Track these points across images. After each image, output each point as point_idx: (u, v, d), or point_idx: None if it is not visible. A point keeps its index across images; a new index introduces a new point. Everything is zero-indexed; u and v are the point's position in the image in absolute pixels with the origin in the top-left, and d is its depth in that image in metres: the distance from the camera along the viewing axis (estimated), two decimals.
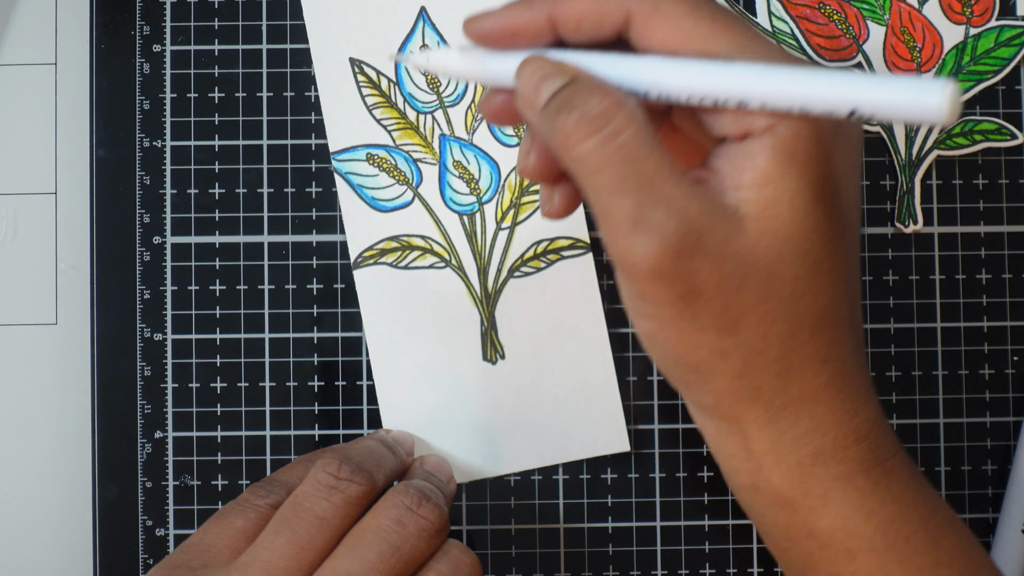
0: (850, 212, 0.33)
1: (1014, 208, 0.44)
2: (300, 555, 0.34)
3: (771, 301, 0.31)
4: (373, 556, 0.34)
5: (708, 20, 0.31)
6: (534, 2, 0.33)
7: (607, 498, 0.44)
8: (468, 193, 0.43)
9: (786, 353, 0.32)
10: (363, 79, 0.44)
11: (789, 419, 0.33)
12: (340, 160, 0.44)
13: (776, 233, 0.31)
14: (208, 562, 0.35)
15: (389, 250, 0.43)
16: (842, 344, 0.33)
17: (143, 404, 0.43)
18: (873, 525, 0.33)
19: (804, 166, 0.31)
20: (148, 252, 0.44)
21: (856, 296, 0.34)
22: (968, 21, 0.44)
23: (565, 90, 0.32)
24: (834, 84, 0.29)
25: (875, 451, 0.33)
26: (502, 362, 0.43)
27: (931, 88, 0.27)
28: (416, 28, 0.44)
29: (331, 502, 0.35)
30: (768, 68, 0.30)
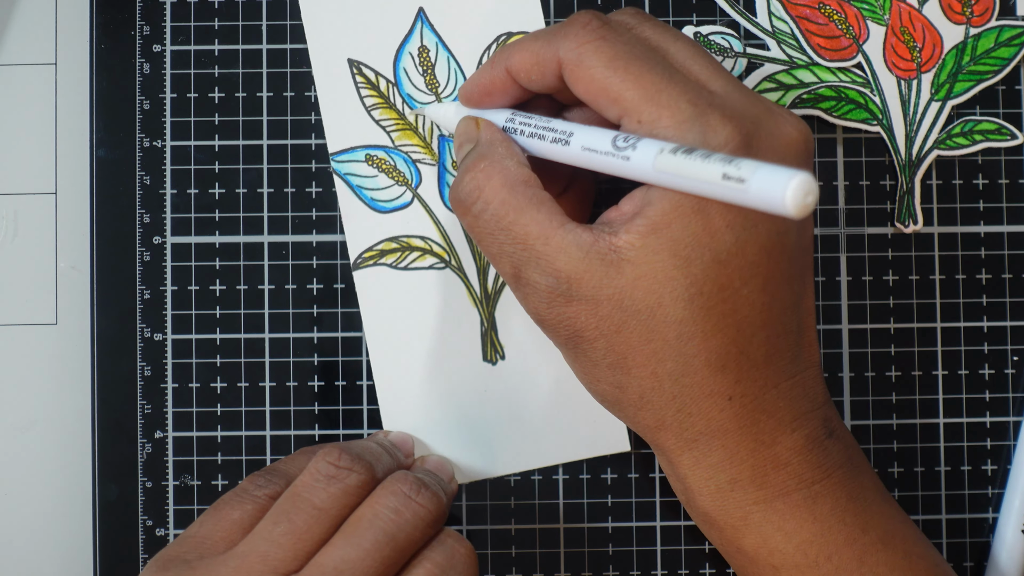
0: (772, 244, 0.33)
1: (1014, 208, 0.44)
2: (297, 545, 0.35)
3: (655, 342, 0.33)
4: (368, 544, 0.34)
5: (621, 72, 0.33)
6: (495, 61, 0.37)
7: (607, 498, 0.44)
8: None
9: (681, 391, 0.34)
10: (361, 80, 0.44)
11: (702, 449, 0.34)
12: (339, 161, 0.44)
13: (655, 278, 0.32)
14: (204, 554, 0.35)
15: (388, 251, 0.43)
16: (752, 380, 0.34)
17: (143, 404, 0.43)
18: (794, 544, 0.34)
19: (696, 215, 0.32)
20: (148, 252, 0.44)
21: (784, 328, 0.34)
22: (968, 21, 0.44)
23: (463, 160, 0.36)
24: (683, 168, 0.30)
25: (799, 476, 0.34)
26: (502, 362, 0.43)
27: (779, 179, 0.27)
28: (414, 29, 0.44)
29: (329, 492, 0.35)
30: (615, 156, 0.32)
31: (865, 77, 0.44)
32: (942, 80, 0.44)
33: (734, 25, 0.44)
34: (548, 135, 0.35)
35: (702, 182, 0.29)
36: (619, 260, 0.33)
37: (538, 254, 0.33)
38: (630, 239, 0.32)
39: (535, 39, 0.35)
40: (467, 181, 0.35)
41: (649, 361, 0.33)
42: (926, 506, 0.44)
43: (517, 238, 0.34)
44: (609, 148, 0.33)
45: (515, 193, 0.34)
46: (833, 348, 0.44)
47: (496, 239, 0.34)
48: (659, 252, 0.32)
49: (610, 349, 0.33)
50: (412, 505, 0.35)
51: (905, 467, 0.44)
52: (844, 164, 0.44)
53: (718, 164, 0.29)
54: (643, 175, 0.32)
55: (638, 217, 0.33)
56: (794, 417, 0.34)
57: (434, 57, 0.43)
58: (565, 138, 0.34)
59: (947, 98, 0.44)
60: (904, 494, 0.44)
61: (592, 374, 0.35)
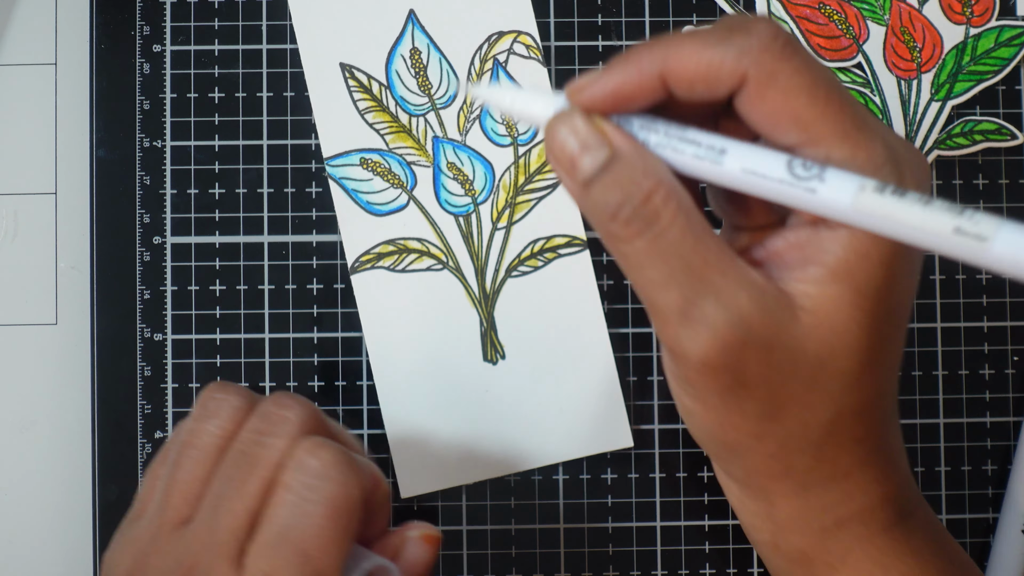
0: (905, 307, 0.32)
1: (1014, 208, 0.44)
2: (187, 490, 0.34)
3: (816, 392, 0.31)
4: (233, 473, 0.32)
5: (823, 101, 0.29)
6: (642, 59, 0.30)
7: (607, 498, 0.44)
8: (463, 194, 0.43)
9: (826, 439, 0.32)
10: (354, 84, 0.44)
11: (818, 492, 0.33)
12: (334, 166, 0.44)
13: (832, 329, 0.30)
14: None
15: (386, 254, 0.43)
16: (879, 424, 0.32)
17: (143, 404, 0.43)
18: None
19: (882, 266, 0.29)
20: (148, 252, 0.44)
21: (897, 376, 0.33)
22: (968, 21, 0.44)
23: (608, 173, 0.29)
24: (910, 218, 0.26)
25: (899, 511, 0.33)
26: (503, 362, 0.43)
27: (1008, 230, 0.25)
28: (405, 31, 0.44)
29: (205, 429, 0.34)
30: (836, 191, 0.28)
31: (865, 77, 0.44)
32: (942, 80, 0.44)
33: None
34: (687, 148, 0.29)
35: (925, 233, 0.26)
36: (795, 307, 0.29)
37: (718, 287, 0.29)
38: (805, 288, 0.29)
39: (704, 43, 0.29)
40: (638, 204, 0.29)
41: (803, 412, 0.31)
42: None
43: (695, 267, 0.29)
44: (784, 175, 0.28)
45: (691, 218, 0.29)
46: None
47: (667, 265, 0.29)
48: (839, 303, 0.29)
49: (770, 399, 0.30)
50: (274, 417, 0.33)
51: None
52: None
53: (946, 215, 0.25)
54: (835, 212, 0.28)
55: (811, 265, 0.29)
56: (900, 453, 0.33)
57: (426, 59, 0.43)
58: (714, 155, 0.29)
59: (947, 98, 0.44)
60: None
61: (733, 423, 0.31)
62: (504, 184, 0.44)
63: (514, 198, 0.44)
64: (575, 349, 0.43)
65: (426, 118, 0.44)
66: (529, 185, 0.43)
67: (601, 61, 0.44)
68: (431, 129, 0.43)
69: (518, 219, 0.44)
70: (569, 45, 0.44)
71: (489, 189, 0.44)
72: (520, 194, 0.44)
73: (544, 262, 0.43)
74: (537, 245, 0.43)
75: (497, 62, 0.43)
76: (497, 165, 0.43)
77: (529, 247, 0.43)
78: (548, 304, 0.43)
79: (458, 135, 0.44)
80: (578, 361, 0.43)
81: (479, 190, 0.44)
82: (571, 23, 0.44)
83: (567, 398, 0.43)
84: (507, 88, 0.32)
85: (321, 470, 0.32)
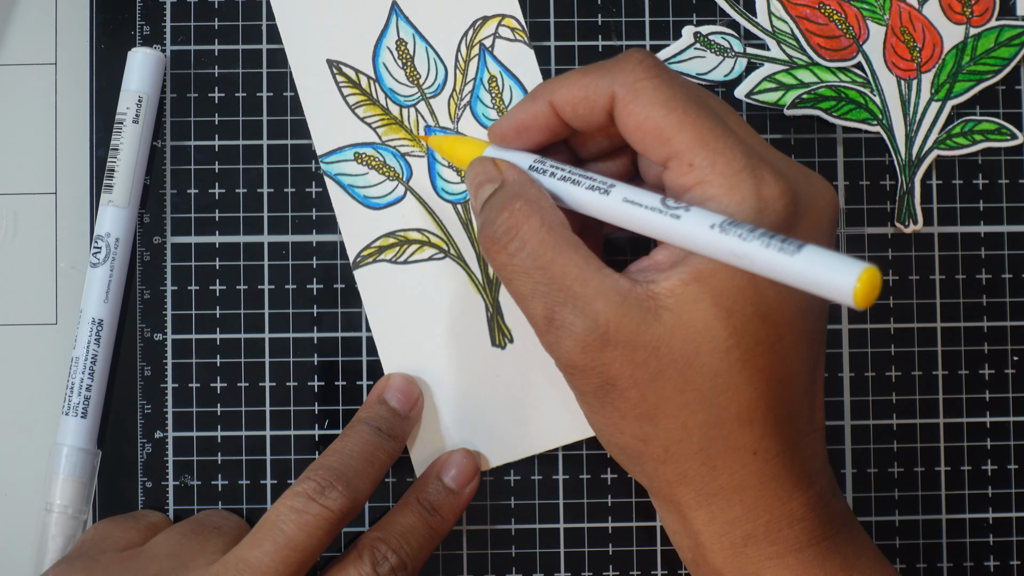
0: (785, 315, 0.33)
1: (1014, 208, 0.44)
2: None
3: (688, 392, 0.32)
4: (268, 545, 0.35)
5: (679, 113, 0.32)
6: (536, 96, 0.35)
7: (607, 498, 0.44)
8: (459, 181, 0.43)
9: (709, 444, 0.33)
10: (342, 79, 0.44)
11: (720, 504, 0.34)
12: (328, 163, 0.44)
13: (694, 327, 0.32)
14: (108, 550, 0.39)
15: (387, 247, 0.43)
16: (776, 437, 0.33)
17: (143, 404, 0.43)
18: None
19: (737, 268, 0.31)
20: (148, 252, 0.44)
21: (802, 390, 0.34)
22: (968, 21, 0.44)
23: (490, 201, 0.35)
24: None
25: (811, 532, 0.34)
26: (511, 346, 0.43)
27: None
28: (390, 23, 0.44)
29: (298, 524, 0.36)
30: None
31: (865, 77, 0.44)
32: (942, 80, 0.44)
33: (734, 25, 0.44)
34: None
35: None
36: (658, 307, 0.32)
37: (575, 295, 0.32)
38: (670, 286, 0.32)
39: (584, 74, 0.34)
40: (504, 219, 0.34)
41: (680, 412, 0.33)
42: (926, 506, 0.44)
43: (554, 278, 0.33)
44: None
45: (553, 233, 0.33)
46: (833, 348, 0.44)
47: (531, 278, 0.33)
48: (700, 301, 0.32)
49: (642, 399, 0.33)
50: (313, 506, 0.36)
51: (905, 467, 0.44)
52: (844, 164, 0.44)
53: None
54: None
55: (680, 265, 0.32)
56: (809, 474, 0.34)
57: (412, 49, 0.44)
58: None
59: (947, 98, 0.44)
60: (904, 494, 0.44)
61: (616, 426, 0.34)
62: None
63: None
64: None
65: (417, 108, 0.44)
66: None
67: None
68: (423, 119, 0.43)
69: None
70: (569, 45, 0.44)
71: None
72: None
73: None
74: None
75: (483, 47, 0.44)
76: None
77: None
78: None
79: (450, 123, 0.44)
80: None
81: None
82: (571, 23, 0.44)
83: None
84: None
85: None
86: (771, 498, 0.34)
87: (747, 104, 0.44)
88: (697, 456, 0.33)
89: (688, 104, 0.33)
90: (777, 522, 0.34)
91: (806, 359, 0.34)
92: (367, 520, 0.43)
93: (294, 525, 0.36)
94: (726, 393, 0.32)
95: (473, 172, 0.37)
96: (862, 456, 0.44)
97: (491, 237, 0.34)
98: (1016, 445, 0.44)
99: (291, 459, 0.43)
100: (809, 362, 0.34)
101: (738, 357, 0.32)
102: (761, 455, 0.33)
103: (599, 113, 0.34)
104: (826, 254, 0.27)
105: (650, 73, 0.33)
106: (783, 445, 0.33)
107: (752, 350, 0.32)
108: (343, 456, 0.38)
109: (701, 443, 0.33)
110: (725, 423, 0.33)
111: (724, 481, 0.33)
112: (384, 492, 0.43)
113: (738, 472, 0.33)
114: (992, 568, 0.44)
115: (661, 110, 0.33)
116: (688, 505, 0.34)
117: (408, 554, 0.39)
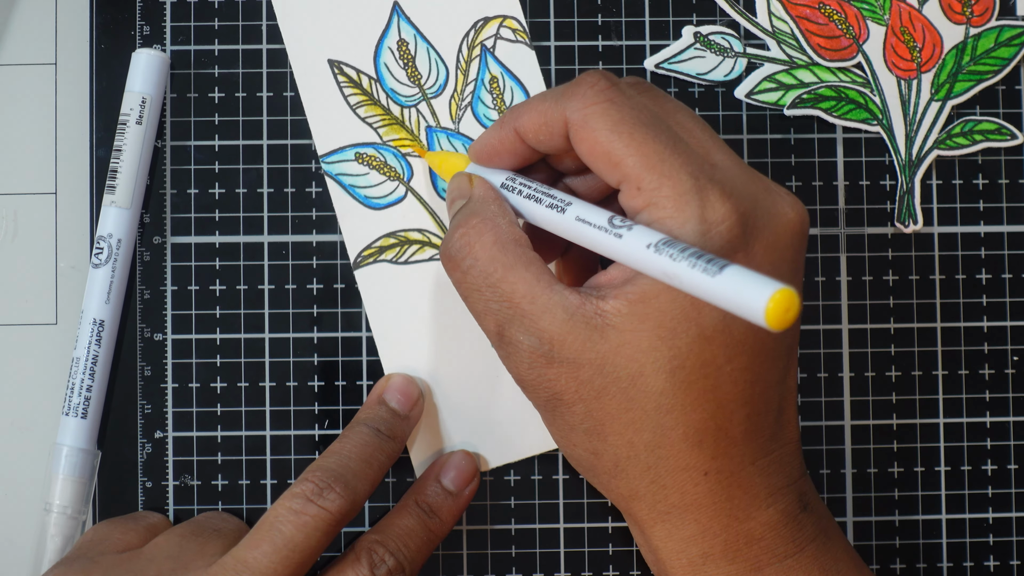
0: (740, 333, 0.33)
1: (1014, 208, 0.44)
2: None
3: (634, 411, 0.33)
4: (266, 546, 0.36)
5: (626, 137, 0.33)
6: (503, 122, 0.37)
7: (607, 498, 0.44)
8: None
9: (656, 463, 0.33)
10: (344, 79, 0.44)
11: (675, 522, 0.34)
12: (329, 162, 0.44)
13: (638, 346, 0.32)
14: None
15: (387, 247, 0.43)
16: (730, 457, 0.33)
17: (143, 404, 0.43)
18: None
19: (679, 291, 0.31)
20: (148, 252, 0.44)
21: (762, 408, 0.34)
22: (968, 21, 0.44)
23: (455, 216, 0.36)
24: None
25: (772, 551, 0.34)
26: None
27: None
28: (391, 23, 0.44)
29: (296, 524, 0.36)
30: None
31: (865, 77, 0.44)
32: (942, 80, 0.44)
33: (734, 25, 0.44)
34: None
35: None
36: (604, 325, 0.32)
37: (523, 313, 0.33)
38: (617, 305, 0.32)
39: (543, 99, 0.35)
40: (458, 237, 0.35)
41: (626, 430, 0.33)
42: (926, 506, 0.44)
43: (504, 296, 0.33)
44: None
45: (505, 251, 0.34)
46: (833, 348, 0.44)
47: (483, 295, 0.34)
48: (645, 321, 0.32)
49: (588, 415, 0.33)
50: (312, 507, 0.36)
51: (905, 467, 0.44)
52: (844, 164, 0.44)
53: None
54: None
55: (627, 284, 0.32)
56: (769, 493, 0.34)
57: (413, 49, 0.44)
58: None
59: (947, 98, 0.44)
60: (904, 494, 0.44)
61: (568, 439, 0.35)
62: None
63: None
64: None
65: (418, 108, 0.44)
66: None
67: (601, 61, 0.44)
68: (424, 119, 0.43)
69: None
70: (569, 45, 0.44)
71: None
72: None
73: None
74: None
75: (485, 48, 0.44)
76: None
77: None
78: None
79: (451, 123, 0.44)
80: None
81: None
82: (571, 23, 0.44)
83: None
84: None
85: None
86: (726, 518, 0.33)
87: (747, 104, 0.44)
88: (646, 474, 0.33)
89: (635, 128, 0.33)
90: (734, 541, 0.34)
91: (766, 377, 0.33)
92: (367, 520, 0.43)
93: (292, 526, 0.36)
94: (671, 414, 0.32)
95: (451, 187, 0.38)
96: (862, 456, 0.44)
97: (446, 255, 0.35)
98: (1016, 445, 0.44)
99: (291, 459, 0.43)
100: (772, 378, 0.34)
101: (682, 379, 0.32)
102: (713, 475, 0.33)
103: (557, 138, 0.35)
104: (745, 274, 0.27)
105: (600, 98, 0.33)
106: (737, 465, 0.33)
107: (697, 371, 0.32)
108: (341, 457, 0.38)
109: (648, 461, 0.33)
110: (672, 443, 0.33)
111: (675, 500, 0.34)
112: (384, 492, 0.43)
113: (689, 492, 0.33)
114: (992, 568, 0.44)
115: (610, 135, 0.33)
116: (644, 521, 0.35)
117: (406, 556, 0.39)
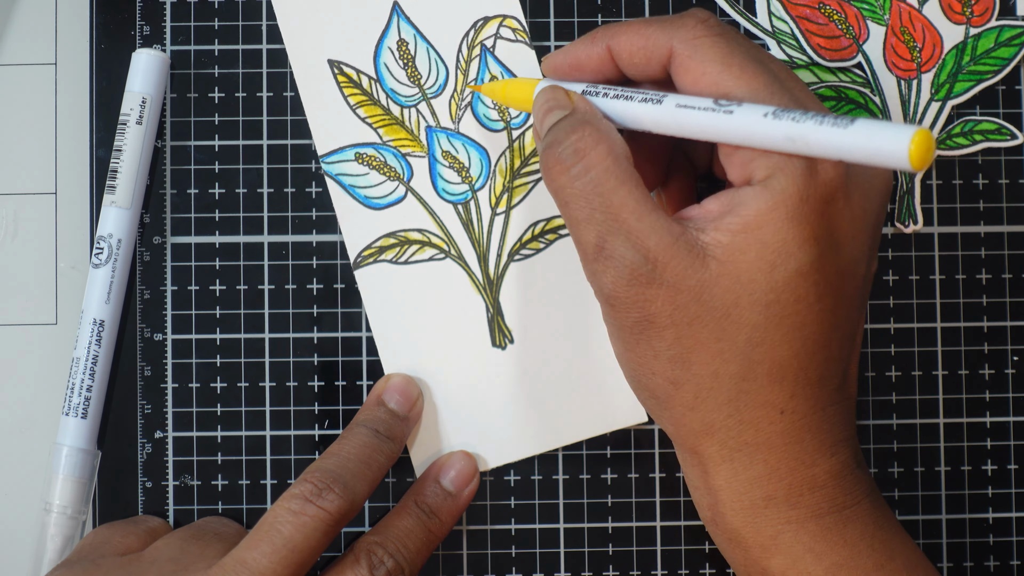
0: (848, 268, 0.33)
1: (1014, 208, 0.44)
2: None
3: (724, 341, 0.33)
4: (266, 547, 0.36)
5: (737, 68, 0.33)
6: (596, 37, 0.37)
7: (607, 498, 0.44)
8: (460, 182, 0.43)
9: (738, 396, 0.33)
10: (343, 79, 0.44)
11: (744, 461, 0.34)
12: (329, 163, 0.44)
13: (737, 278, 0.32)
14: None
15: (387, 247, 0.43)
16: (805, 398, 0.33)
17: (143, 404, 0.43)
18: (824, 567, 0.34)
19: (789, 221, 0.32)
20: (148, 252, 0.44)
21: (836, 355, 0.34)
22: (968, 21, 0.44)
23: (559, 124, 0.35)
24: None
25: (832, 500, 0.34)
26: (512, 346, 0.43)
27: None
28: (391, 23, 0.44)
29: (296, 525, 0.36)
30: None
31: (865, 77, 0.44)
32: (942, 80, 0.44)
33: (734, 25, 0.44)
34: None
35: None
36: (705, 255, 0.32)
37: (629, 228, 0.33)
38: (718, 236, 0.32)
39: (647, 24, 0.35)
40: (572, 141, 0.34)
41: (713, 360, 0.33)
42: (926, 506, 0.44)
43: (611, 207, 0.33)
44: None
45: (619, 164, 0.33)
46: None
47: (589, 203, 0.33)
48: (746, 253, 0.32)
49: (677, 340, 0.33)
50: (311, 508, 0.36)
51: (905, 467, 0.44)
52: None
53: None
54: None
55: (729, 215, 0.32)
56: (834, 442, 0.34)
57: (413, 50, 0.44)
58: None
59: (947, 98, 0.44)
60: (904, 494, 0.44)
61: (649, 366, 0.34)
62: (500, 169, 0.44)
63: (511, 182, 0.44)
64: (583, 327, 0.43)
65: (418, 108, 0.44)
66: (525, 168, 0.43)
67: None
68: (423, 119, 0.43)
69: (516, 203, 0.44)
70: None
71: (486, 175, 0.44)
72: (517, 178, 0.44)
73: (546, 244, 0.44)
74: (537, 227, 0.44)
75: (484, 48, 0.44)
76: (492, 151, 0.44)
77: (530, 230, 0.43)
78: (553, 285, 0.43)
79: (451, 123, 0.44)
80: (587, 339, 0.43)
81: (476, 177, 0.44)
82: (571, 23, 0.44)
83: (578, 377, 0.43)
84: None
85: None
86: (794, 461, 0.34)
87: None
88: (725, 407, 0.33)
89: (746, 61, 0.33)
90: (799, 486, 0.34)
91: (844, 325, 0.34)
92: (367, 521, 0.43)
93: (291, 527, 0.36)
94: (761, 347, 0.33)
95: (544, 97, 0.37)
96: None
97: (556, 157, 0.34)
98: (1016, 445, 0.44)
99: (291, 459, 0.43)
100: (847, 328, 0.34)
101: (776, 313, 0.32)
102: (788, 415, 0.33)
103: (654, 65, 0.35)
104: (878, 123, 0.28)
105: (711, 31, 0.34)
106: (811, 407, 0.33)
107: (791, 306, 0.32)
108: (341, 458, 0.38)
109: (730, 394, 0.33)
110: (757, 377, 0.33)
111: (749, 437, 0.34)
112: (384, 492, 0.43)
113: (764, 429, 0.33)
114: (992, 568, 0.44)
115: (719, 66, 0.33)
116: (711, 459, 0.34)
117: (405, 557, 0.39)
